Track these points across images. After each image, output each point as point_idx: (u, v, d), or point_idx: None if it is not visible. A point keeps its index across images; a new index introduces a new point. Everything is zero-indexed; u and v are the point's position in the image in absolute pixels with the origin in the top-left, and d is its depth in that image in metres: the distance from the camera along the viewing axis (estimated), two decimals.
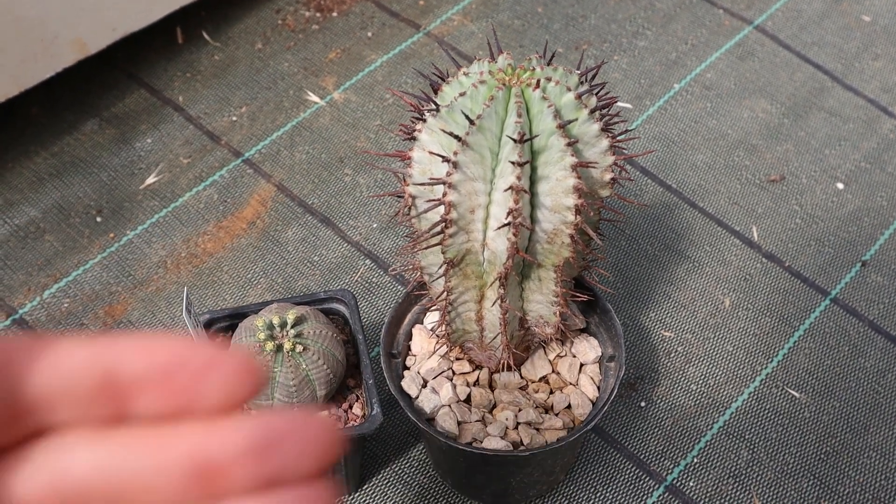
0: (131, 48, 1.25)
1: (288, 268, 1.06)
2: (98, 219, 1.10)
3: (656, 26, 1.30)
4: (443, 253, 0.72)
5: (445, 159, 0.67)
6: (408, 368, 0.86)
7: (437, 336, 0.82)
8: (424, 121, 0.70)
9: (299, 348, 0.76)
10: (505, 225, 0.68)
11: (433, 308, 0.80)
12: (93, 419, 0.21)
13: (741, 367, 1.00)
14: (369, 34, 1.29)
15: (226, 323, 0.85)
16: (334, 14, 1.32)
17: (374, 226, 1.10)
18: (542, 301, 0.77)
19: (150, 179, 1.11)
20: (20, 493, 0.21)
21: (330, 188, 1.13)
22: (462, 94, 0.68)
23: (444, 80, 0.72)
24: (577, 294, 0.80)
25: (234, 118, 1.20)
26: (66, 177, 1.14)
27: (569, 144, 0.67)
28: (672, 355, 1.00)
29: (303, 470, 0.21)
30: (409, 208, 0.73)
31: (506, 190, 0.67)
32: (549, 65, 0.71)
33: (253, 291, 1.04)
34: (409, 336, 0.87)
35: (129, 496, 0.21)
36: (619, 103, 1.21)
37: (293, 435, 0.21)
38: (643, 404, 0.96)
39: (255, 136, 1.18)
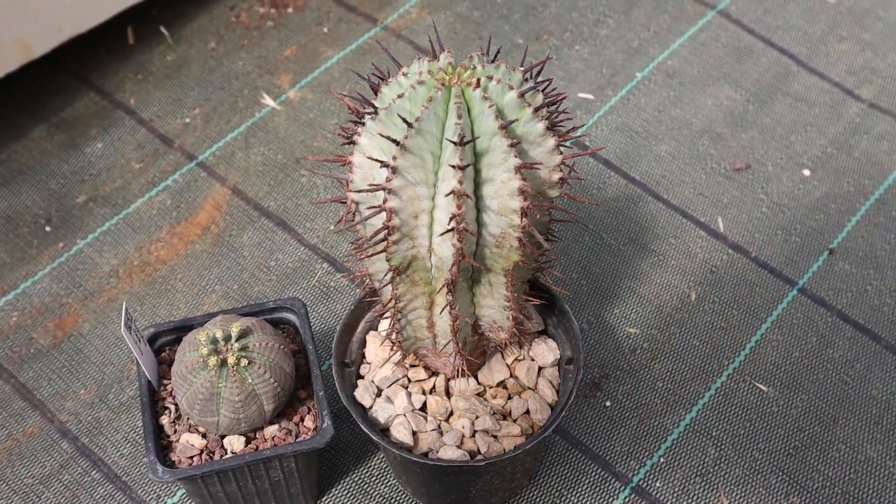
0: (80, 50, 1.22)
1: (244, 274, 1.03)
2: (47, 228, 1.07)
3: (618, 13, 1.28)
4: (387, 260, 0.70)
5: (384, 164, 0.65)
6: (362, 377, 0.84)
7: (391, 343, 0.80)
8: (363, 124, 0.67)
9: (244, 362, 0.74)
10: (448, 231, 0.66)
11: (385, 315, 0.78)
12: None
13: (708, 361, 0.98)
14: (325, 30, 1.26)
15: (172, 336, 0.83)
16: (290, 10, 1.29)
17: (332, 228, 1.07)
18: (495, 306, 0.75)
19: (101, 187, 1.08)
20: None
21: (286, 190, 1.10)
22: (400, 96, 0.65)
23: (384, 80, 0.70)
24: (531, 297, 0.78)
25: (188, 120, 1.17)
26: (13, 185, 1.10)
27: (512, 145, 0.64)
28: (638, 352, 0.98)
29: None
30: (353, 214, 0.71)
31: (448, 194, 0.65)
32: (492, 62, 0.69)
33: (208, 299, 1.01)
34: (363, 343, 0.85)
35: None
36: (581, 94, 1.19)
37: None
38: (608, 404, 0.94)
39: (209, 139, 1.15)
